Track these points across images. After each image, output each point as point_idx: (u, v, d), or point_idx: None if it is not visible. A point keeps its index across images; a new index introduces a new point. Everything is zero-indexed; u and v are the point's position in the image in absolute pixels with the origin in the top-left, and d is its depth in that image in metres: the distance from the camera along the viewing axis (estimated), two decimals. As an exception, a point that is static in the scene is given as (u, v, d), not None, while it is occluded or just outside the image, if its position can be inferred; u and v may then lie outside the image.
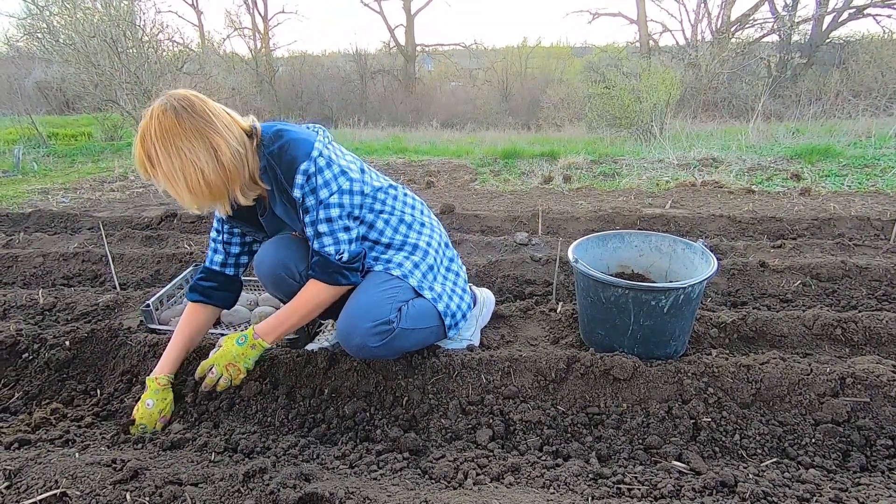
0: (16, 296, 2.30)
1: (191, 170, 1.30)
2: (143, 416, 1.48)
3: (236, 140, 1.37)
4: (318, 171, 1.43)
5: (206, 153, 1.31)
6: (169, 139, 1.29)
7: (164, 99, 1.33)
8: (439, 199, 4.42)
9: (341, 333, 1.49)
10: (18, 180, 5.66)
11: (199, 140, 1.30)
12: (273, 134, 1.45)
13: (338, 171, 1.46)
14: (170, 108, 1.30)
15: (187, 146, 1.29)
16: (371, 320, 1.45)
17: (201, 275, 1.67)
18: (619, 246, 1.98)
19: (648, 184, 4.80)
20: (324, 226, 1.46)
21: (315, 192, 1.43)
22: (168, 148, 1.29)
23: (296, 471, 1.21)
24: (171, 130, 1.29)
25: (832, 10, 15.02)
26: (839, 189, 4.34)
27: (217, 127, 1.33)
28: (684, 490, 1.22)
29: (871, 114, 8.64)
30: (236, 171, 1.37)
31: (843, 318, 1.86)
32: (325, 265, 1.48)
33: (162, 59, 9.73)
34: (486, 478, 1.28)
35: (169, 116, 1.29)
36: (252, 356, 1.51)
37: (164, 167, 1.30)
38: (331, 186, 1.44)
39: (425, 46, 23.24)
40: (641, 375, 1.52)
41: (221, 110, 1.39)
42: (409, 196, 1.75)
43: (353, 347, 1.49)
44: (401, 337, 1.51)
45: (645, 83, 8.28)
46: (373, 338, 1.46)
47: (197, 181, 1.32)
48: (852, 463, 1.33)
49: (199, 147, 1.30)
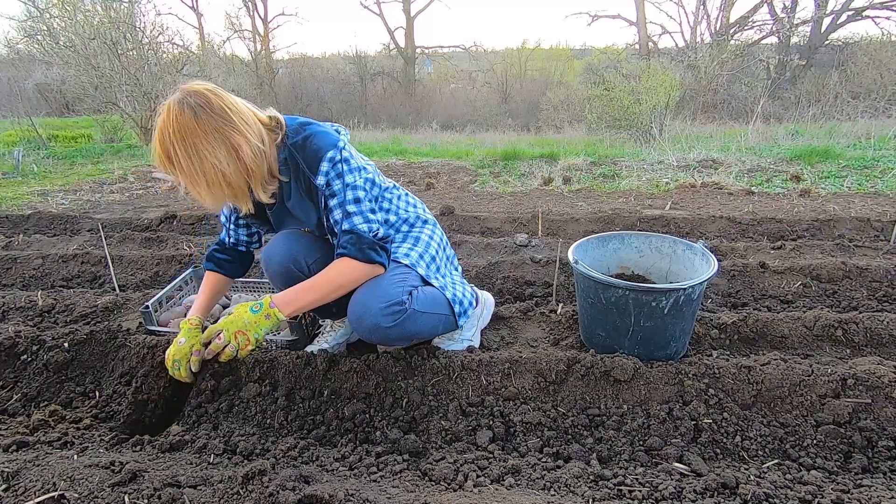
0: (15, 297, 2.29)
1: (212, 171, 1.29)
2: (176, 352, 1.47)
3: (256, 136, 1.36)
4: (343, 160, 1.46)
5: (227, 154, 1.30)
6: (189, 140, 1.26)
7: (180, 95, 1.29)
8: (439, 200, 4.42)
9: (354, 316, 1.48)
10: (18, 182, 5.65)
11: (220, 140, 1.28)
12: (298, 126, 1.48)
13: (357, 164, 1.50)
14: (187, 106, 1.27)
15: (208, 148, 1.27)
16: (384, 301, 1.45)
17: (216, 246, 1.73)
18: (619, 247, 1.98)
19: (648, 185, 4.80)
20: (353, 206, 1.47)
21: (341, 177, 1.45)
22: (188, 149, 1.27)
23: (295, 473, 1.20)
24: (190, 131, 1.26)
25: (831, 11, 15.07)
26: (839, 190, 4.34)
27: (237, 125, 1.31)
28: (685, 492, 1.21)
29: (870, 115, 8.64)
30: (258, 169, 1.37)
31: (843, 319, 1.86)
32: (358, 241, 1.46)
33: (162, 62, 9.73)
34: (486, 479, 1.27)
35: (187, 115, 1.26)
36: (265, 326, 1.46)
37: (184, 168, 1.28)
38: (355, 174, 1.47)
39: (425, 48, 23.30)
40: (642, 377, 1.52)
41: (241, 104, 1.37)
42: (409, 196, 1.79)
43: (366, 329, 1.47)
44: (413, 319, 1.50)
45: (644, 85, 8.30)
46: (386, 318, 1.45)
47: (218, 182, 1.31)
48: (854, 464, 1.32)
49: (219, 148, 1.28)
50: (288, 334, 1.79)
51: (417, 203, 1.78)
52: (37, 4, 10.09)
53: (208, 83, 1.36)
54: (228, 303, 2.08)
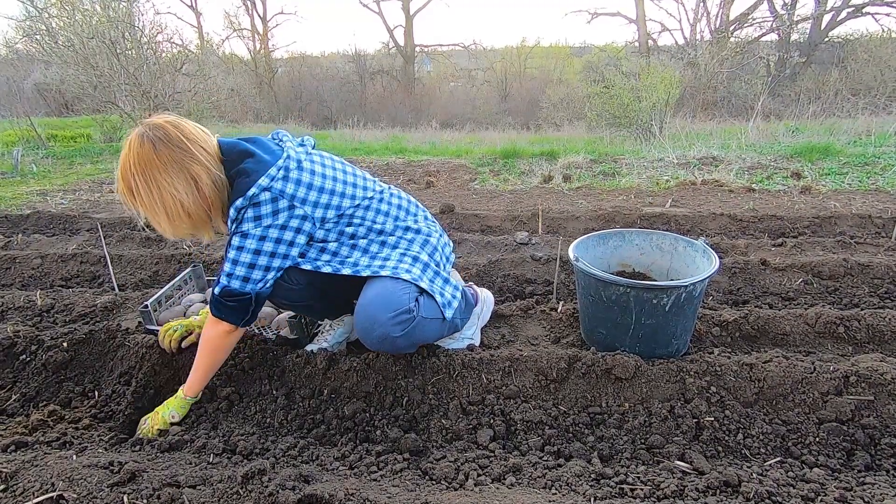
0: (14, 297, 2.28)
1: (171, 202, 1.32)
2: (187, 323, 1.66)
3: (216, 166, 1.38)
4: (243, 219, 1.36)
5: (186, 184, 1.32)
6: (148, 173, 1.30)
7: (141, 129, 1.33)
8: (439, 199, 4.41)
9: (361, 327, 1.46)
10: (17, 182, 5.65)
11: (179, 171, 1.31)
12: (236, 154, 1.41)
13: (284, 205, 1.37)
14: (146, 139, 1.31)
15: (166, 179, 1.31)
16: (392, 310, 1.43)
17: None
18: (619, 244, 1.97)
19: (648, 183, 4.79)
20: (227, 263, 1.40)
21: (239, 230, 1.37)
22: (148, 181, 1.31)
23: (295, 472, 1.19)
24: (149, 163, 1.30)
25: (831, 8, 15.04)
26: (840, 187, 4.33)
27: (196, 156, 1.33)
28: (687, 490, 1.20)
29: (870, 112, 8.62)
30: (217, 199, 1.38)
31: (845, 316, 1.85)
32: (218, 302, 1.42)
33: (161, 61, 9.72)
34: (487, 478, 1.27)
35: (146, 148, 1.30)
36: (173, 406, 1.50)
37: (144, 200, 1.32)
38: (261, 221, 1.36)
39: (424, 47, 23.25)
40: (643, 375, 1.51)
41: (200, 133, 1.38)
42: (394, 197, 1.66)
43: (374, 340, 1.46)
44: (421, 326, 1.49)
45: (644, 82, 8.28)
46: (395, 327, 1.43)
47: (178, 213, 1.34)
48: (857, 462, 1.31)
49: (178, 179, 1.31)
50: (288, 333, 1.78)
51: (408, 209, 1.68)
52: (35, 4, 10.08)
53: (171, 115, 1.39)
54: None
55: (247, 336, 1.71)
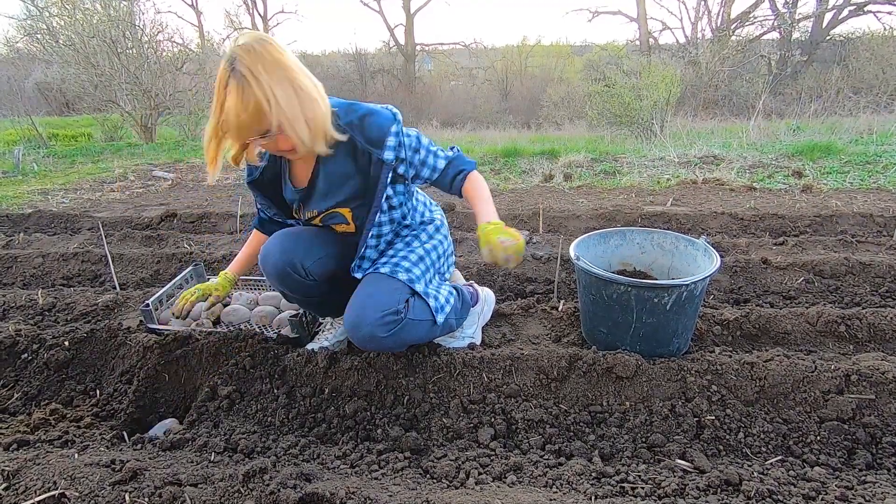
0: (15, 296, 2.29)
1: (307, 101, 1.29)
2: (205, 288, 1.74)
3: None
4: (405, 134, 1.53)
5: (312, 85, 1.33)
6: (281, 70, 1.24)
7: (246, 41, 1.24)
8: (440, 198, 4.41)
9: (350, 324, 1.47)
10: (18, 181, 5.66)
11: (301, 72, 1.30)
12: (347, 107, 1.48)
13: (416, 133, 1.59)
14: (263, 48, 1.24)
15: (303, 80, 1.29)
16: (380, 311, 1.44)
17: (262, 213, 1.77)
18: (620, 243, 1.97)
19: (649, 181, 4.79)
20: (433, 151, 1.61)
21: (414, 140, 1.56)
22: (280, 80, 1.24)
23: (296, 471, 1.20)
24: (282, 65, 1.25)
25: (832, 7, 15.01)
26: (841, 186, 4.32)
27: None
28: (688, 489, 1.20)
29: (872, 111, 8.61)
30: (328, 110, 1.37)
31: (846, 314, 1.85)
32: (460, 159, 1.66)
33: (161, 60, 9.72)
34: (488, 477, 1.27)
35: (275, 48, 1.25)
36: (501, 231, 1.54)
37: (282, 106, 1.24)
38: (421, 138, 1.59)
39: (425, 46, 23.24)
40: (644, 373, 1.51)
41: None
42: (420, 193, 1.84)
43: (361, 338, 1.47)
44: (408, 328, 1.50)
45: (645, 81, 8.27)
46: (381, 328, 1.44)
47: (313, 112, 1.30)
48: (858, 461, 1.31)
49: (304, 77, 1.30)
50: (289, 332, 1.79)
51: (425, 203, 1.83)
52: (36, 3, 10.07)
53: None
54: (230, 301, 2.07)
55: (247, 335, 1.71)
